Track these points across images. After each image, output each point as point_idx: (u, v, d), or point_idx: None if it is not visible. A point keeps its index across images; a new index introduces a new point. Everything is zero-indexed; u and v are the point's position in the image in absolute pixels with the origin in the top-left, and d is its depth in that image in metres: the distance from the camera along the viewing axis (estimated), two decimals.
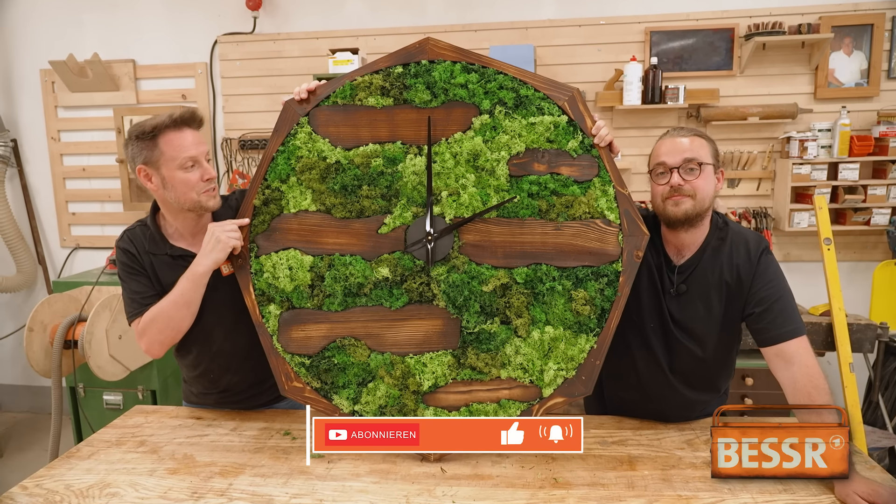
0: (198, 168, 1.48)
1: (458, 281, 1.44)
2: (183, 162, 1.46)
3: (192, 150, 1.47)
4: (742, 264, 1.51)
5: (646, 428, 1.59)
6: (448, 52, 1.46)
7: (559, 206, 1.43)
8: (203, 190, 1.49)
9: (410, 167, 1.46)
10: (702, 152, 1.49)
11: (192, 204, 1.50)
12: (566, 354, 1.43)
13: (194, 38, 3.49)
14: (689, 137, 1.51)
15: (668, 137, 1.54)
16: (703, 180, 1.48)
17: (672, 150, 1.50)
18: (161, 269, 1.56)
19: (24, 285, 3.67)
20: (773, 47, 3.08)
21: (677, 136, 1.52)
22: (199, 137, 1.51)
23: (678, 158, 1.48)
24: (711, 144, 1.53)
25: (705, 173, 1.48)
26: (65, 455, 1.48)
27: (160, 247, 1.56)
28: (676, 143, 1.50)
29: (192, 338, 1.63)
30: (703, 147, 1.50)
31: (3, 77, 3.67)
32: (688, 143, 1.49)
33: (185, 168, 1.47)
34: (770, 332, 1.45)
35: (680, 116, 3.20)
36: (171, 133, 1.46)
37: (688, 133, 1.52)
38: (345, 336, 1.48)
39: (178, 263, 1.55)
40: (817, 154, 2.99)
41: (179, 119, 1.47)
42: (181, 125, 1.47)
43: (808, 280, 2.86)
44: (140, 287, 1.55)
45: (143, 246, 1.56)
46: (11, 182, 3.71)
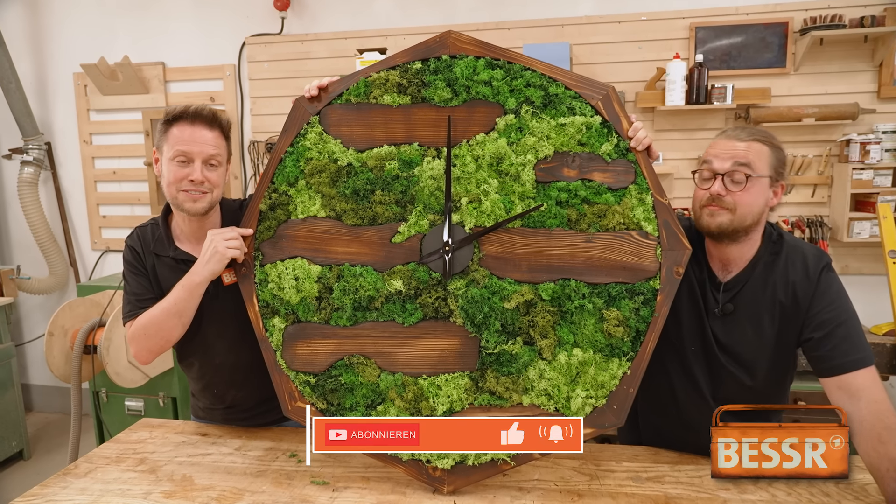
0: (188, 166, 1.41)
1: (477, 296, 1.32)
2: (175, 154, 1.41)
3: (187, 146, 1.41)
4: (799, 282, 1.33)
5: (685, 463, 1.43)
6: (471, 46, 1.34)
7: (591, 215, 1.29)
8: (183, 188, 1.42)
9: (428, 171, 1.35)
10: (758, 162, 1.31)
11: (172, 199, 1.45)
12: (596, 381, 1.28)
13: (223, 40, 3.47)
14: (748, 141, 1.33)
15: (724, 137, 1.37)
16: (750, 194, 1.31)
17: (723, 152, 1.33)
18: (162, 272, 1.51)
19: (56, 287, 3.71)
20: (831, 42, 2.85)
21: (734, 138, 1.35)
22: (209, 138, 1.43)
23: (727, 164, 1.32)
24: (775, 153, 1.34)
25: (756, 187, 1.31)
26: (62, 472, 1.42)
27: (165, 248, 1.52)
28: (730, 146, 1.33)
29: (192, 349, 1.57)
30: (761, 155, 1.32)
31: (39, 81, 3.73)
32: (743, 148, 1.32)
33: (176, 161, 1.41)
34: (831, 360, 1.28)
35: (727, 118, 3.01)
36: (183, 124, 1.42)
37: (748, 135, 1.34)
38: (353, 353, 1.37)
39: (181, 268, 1.49)
40: (881, 158, 2.75)
41: (194, 112, 1.43)
42: (195, 119, 1.43)
43: (869, 296, 2.63)
44: (139, 288, 1.50)
45: (150, 245, 1.53)
46: (45, 185, 3.76)
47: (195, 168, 1.41)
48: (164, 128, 1.43)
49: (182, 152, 1.40)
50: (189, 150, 1.40)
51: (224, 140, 1.48)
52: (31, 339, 3.93)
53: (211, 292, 1.44)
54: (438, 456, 1.32)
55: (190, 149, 1.40)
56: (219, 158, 1.45)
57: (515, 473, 1.39)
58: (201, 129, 1.42)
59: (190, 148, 1.40)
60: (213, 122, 1.44)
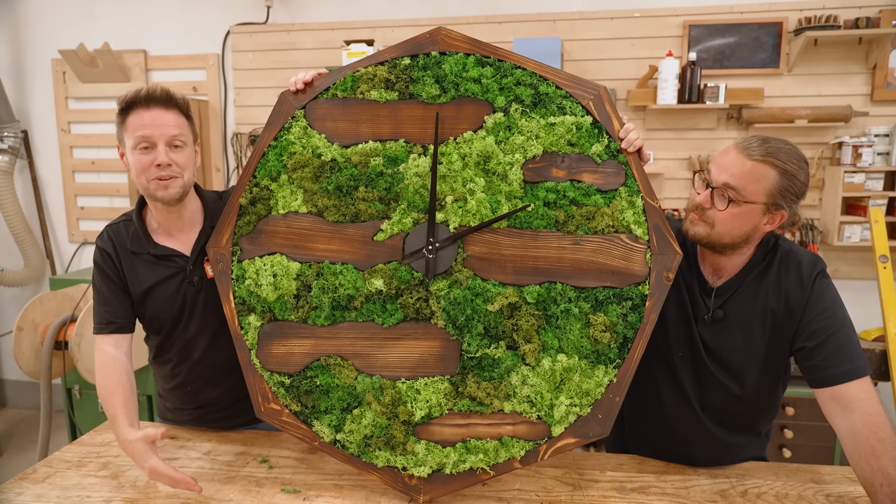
0: (152, 151, 1.34)
1: (460, 298, 1.26)
2: (137, 141, 1.33)
3: (147, 130, 1.33)
4: (792, 289, 1.29)
5: (672, 473, 1.39)
6: (461, 43, 1.30)
7: (579, 217, 1.24)
8: (153, 176, 1.34)
9: (413, 168, 1.29)
10: (753, 187, 1.22)
11: (144, 190, 1.38)
12: (581, 388, 1.23)
13: (206, 29, 3.38)
14: (756, 161, 1.22)
15: (737, 148, 1.26)
16: (730, 217, 1.24)
17: (725, 165, 1.26)
18: (143, 269, 1.45)
19: (31, 280, 3.61)
20: (825, 43, 2.82)
21: (744, 152, 1.24)
22: (169, 119, 1.35)
23: (721, 178, 1.25)
24: (784, 179, 1.22)
25: (738, 211, 1.23)
26: (18, 477, 1.35)
27: (143, 245, 1.45)
28: (734, 161, 1.24)
29: (172, 344, 1.51)
30: (761, 180, 1.22)
31: (16, 67, 3.62)
32: (745, 168, 1.22)
33: (139, 148, 1.33)
34: (824, 370, 1.24)
35: (720, 118, 2.97)
36: (139, 109, 1.33)
37: (761, 154, 1.22)
38: (330, 354, 1.31)
39: (162, 264, 1.45)
40: (873, 161, 2.73)
41: (147, 95, 1.34)
42: (150, 102, 1.34)
43: (859, 300, 2.61)
44: (109, 298, 1.45)
45: (125, 244, 1.45)
46: (21, 174, 3.66)
47: (159, 152, 1.33)
48: (120, 119, 1.35)
49: (143, 137, 1.32)
50: (150, 135, 1.33)
51: (185, 118, 1.39)
52: (4, 333, 3.83)
53: (196, 285, 1.40)
54: (415, 463, 1.27)
55: (150, 133, 1.33)
56: (182, 139, 1.37)
57: (495, 483, 1.34)
58: (158, 110, 1.34)
59: (150, 132, 1.33)
60: (168, 102, 1.36)
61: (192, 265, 1.45)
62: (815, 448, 2.52)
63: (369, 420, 1.29)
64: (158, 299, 1.46)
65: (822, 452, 2.52)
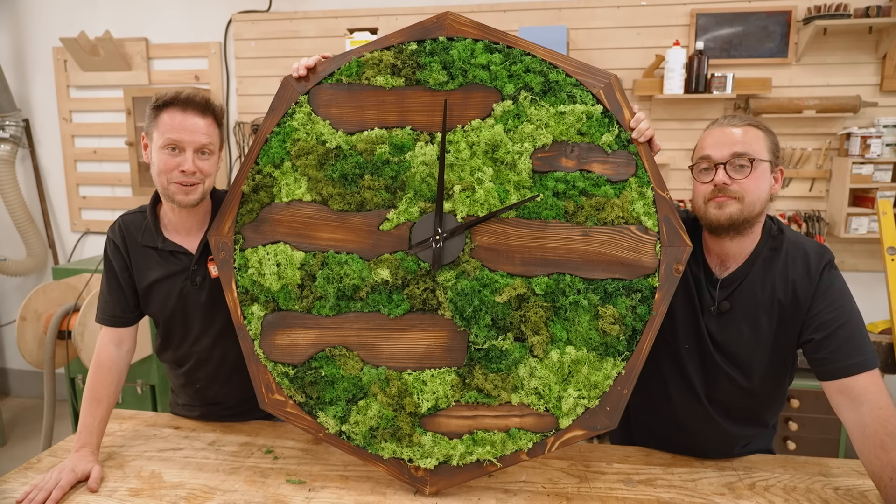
0: (179, 155, 1.33)
1: (467, 288, 1.25)
2: (166, 142, 1.32)
3: (178, 134, 1.32)
4: (799, 280, 1.28)
5: (679, 465, 1.38)
6: (469, 28, 1.27)
7: (588, 208, 1.22)
8: (175, 180, 1.34)
9: (420, 156, 1.27)
10: (756, 146, 1.27)
11: (163, 190, 1.37)
12: (589, 380, 1.22)
13: (209, 17, 3.35)
14: (743, 127, 1.29)
15: (717, 126, 1.32)
16: (755, 180, 1.26)
17: (720, 141, 1.28)
18: (150, 263, 1.45)
19: (34, 269, 3.60)
20: (835, 33, 2.78)
21: (727, 126, 1.30)
22: (201, 126, 1.35)
23: (726, 152, 1.26)
24: (770, 137, 1.30)
25: (758, 172, 1.26)
26: (23, 466, 1.35)
27: (153, 239, 1.44)
28: (726, 134, 1.28)
29: (174, 341, 1.51)
30: (758, 139, 1.28)
31: (17, 55, 3.59)
32: (740, 135, 1.27)
33: (167, 149, 1.33)
34: (832, 363, 1.22)
35: (727, 107, 2.94)
36: (174, 110, 1.34)
37: (741, 122, 1.30)
38: (335, 345, 1.30)
39: (169, 260, 1.44)
40: (881, 153, 2.70)
41: (186, 99, 1.34)
42: (187, 106, 1.34)
43: (866, 293, 2.59)
44: (113, 291, 1.45)
45: (136, 237, 1.45)
46: (23, 163, 3.64)
47: (186, 158, 1.33)
48: (153, 113, 1.35)
49: (173, 141, 1.32)
50: (180, 139, 1.32)
51: (217, 128, 1.40)
52: (8, 323, 3.83)
53: (197, 284, 1.40)
54: (421, 455, 1.26)
55: (181, 137, 1.32)
56: (211, 147, 1.37)
57: (501, 475, 1.33)
58: (193, 116, 1.34)
59: (181, 136, 1.32)
60: (205, 109, 1.36)
61: (195, 263, 1.44)
62: (820, 440, 2.52)
63: (375, 411, 1.28)
64: (161, 294, 1.46)
65: (827, 445, 2.51)
